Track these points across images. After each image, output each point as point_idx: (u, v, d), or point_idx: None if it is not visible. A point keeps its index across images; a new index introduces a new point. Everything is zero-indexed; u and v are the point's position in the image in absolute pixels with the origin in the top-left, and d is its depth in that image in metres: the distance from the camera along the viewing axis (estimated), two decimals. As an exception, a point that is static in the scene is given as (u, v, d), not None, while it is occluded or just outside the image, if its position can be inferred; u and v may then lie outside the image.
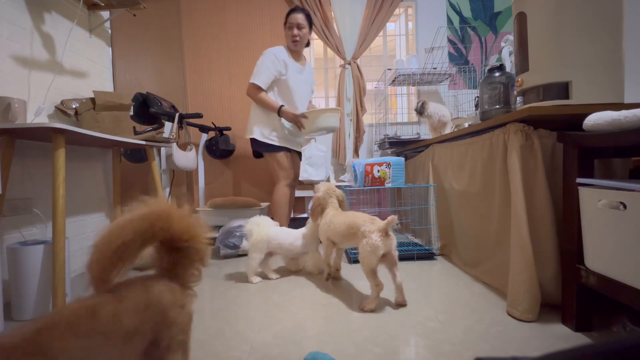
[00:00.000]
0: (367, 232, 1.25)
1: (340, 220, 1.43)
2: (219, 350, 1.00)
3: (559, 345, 0.97)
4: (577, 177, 1.01)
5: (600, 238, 0.92)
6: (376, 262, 1.22)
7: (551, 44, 1.12)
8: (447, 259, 1.87)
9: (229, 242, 2.06)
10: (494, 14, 3.03)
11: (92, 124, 1.75)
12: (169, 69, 2.95)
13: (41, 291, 1.29)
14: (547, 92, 1.15)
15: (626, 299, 0.84)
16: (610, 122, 0.87)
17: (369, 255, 1.22)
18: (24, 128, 1.25)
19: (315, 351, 0.89)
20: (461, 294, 1.36)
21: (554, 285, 1.13)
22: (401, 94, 3.21)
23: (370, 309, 1.22)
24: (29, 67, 1.62)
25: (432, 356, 0.93)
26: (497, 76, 1.51)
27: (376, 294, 1.23)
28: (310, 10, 2.87)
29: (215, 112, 3.02)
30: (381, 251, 1.22)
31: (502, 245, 1.34)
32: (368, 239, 1.23)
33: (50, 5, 1.77)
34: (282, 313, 1.24)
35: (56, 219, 1.26)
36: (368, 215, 1.35)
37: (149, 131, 2.06)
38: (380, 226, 1.25)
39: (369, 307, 1.23)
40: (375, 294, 1.23)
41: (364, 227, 1.28)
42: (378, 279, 1.23)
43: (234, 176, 3.05)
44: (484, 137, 1.42)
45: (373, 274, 1.23)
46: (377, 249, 1.21)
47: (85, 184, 1.94)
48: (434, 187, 1.95)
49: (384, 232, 1.24)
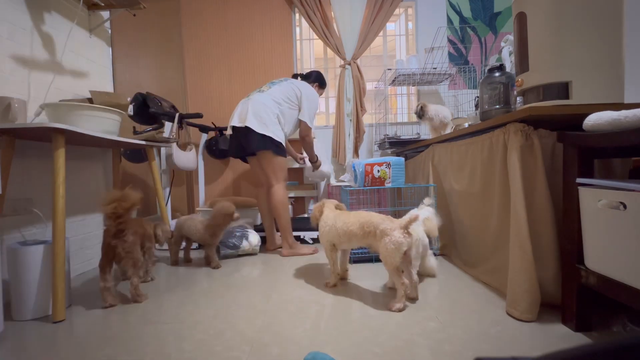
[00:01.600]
0: (388, 230, 1.24)
1: (351, 220, 1.38)
2: (219, 350, 1.00)
3: (559, 345, 0.97)
4: (577, 177, 1.01)
5: (600, 238, 0.92)
6: (399, 260, 1.21)
7: (551, 44, 1.12)
8: (447, 259, 1.87)
9: (228, 242, 2.06)
10: (493, 14, 3.03)
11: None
12: (169, 69, 2.95)
13: (41, 291, 1.28)
14: (547, 92, 1.15)
15: (626, 299, 0.84)
16: (610, 122, 0.87)
17: (393, 253, 1.21)
18: (24, 128, 1.25)
19: (315, 351, 0.89)
20: (461, 294, 1.36)
21: (554, 285, 1.13)
22: (401, 94, 3.21)
23: (398, 309, 1.21)
24: (29, 67, 1.62)
25: (432, 356, 0.93)
26: (497, 76, 1.51)
27: (402, 292, 1.22)
28: (310, 10, 2.87)
29: (215, 112, 3.02)
30: (404, 248, 1.21)
31: (502, 245, 1.34)
32: (391, 237, 1.22)
33: (50, 5, 1.77)
34: (282, 313, 1.24)
35: (56, 219, 1.26)
36: (381, 215, 1.34)
37: (149, 131, 2.06)
38: (402, 223, 1.24)
39: (398, 306, 1.21)
40: (402, 292, 1.22)
41: (383, 225, 1.26)
42: (403, 278, 1.22)
43: (234, 176, 3.05)
44: (484, 137, 1.42)
45: (398, 272, 1.22)
46: (401, 245, 1.20)
47: (85, 184, 1.94)
48: (434, 187, 1.95)
49: (406, 229, 1.23)
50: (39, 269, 1.28)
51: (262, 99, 2.03)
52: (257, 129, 1.97)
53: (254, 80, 3.02)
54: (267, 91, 2.07)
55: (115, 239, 1.37)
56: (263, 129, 1.98)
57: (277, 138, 2.02)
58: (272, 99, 2.04)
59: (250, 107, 2.01)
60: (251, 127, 1.97)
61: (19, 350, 1.04)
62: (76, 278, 1.76)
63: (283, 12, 3.01)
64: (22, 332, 1.16)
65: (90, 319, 1.25)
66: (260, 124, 1.98)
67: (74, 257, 1.82)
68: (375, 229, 1.28)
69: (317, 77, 2.28)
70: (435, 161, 2.00)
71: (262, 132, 1.98)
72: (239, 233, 2.11)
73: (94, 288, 1.60)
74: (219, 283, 1.60)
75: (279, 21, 3.01)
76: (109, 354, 1.00)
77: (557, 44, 1.11)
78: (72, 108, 1.42)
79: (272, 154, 2.02)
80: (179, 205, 2.93)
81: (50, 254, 1.29)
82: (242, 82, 3.03)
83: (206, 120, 2.95)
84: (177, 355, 0.98)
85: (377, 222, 1.29)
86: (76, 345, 1.06)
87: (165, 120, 2.11)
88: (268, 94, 2.05)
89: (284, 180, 2.09)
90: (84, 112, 1.44)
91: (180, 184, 2.95)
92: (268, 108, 2.02)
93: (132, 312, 1.29)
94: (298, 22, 3.10)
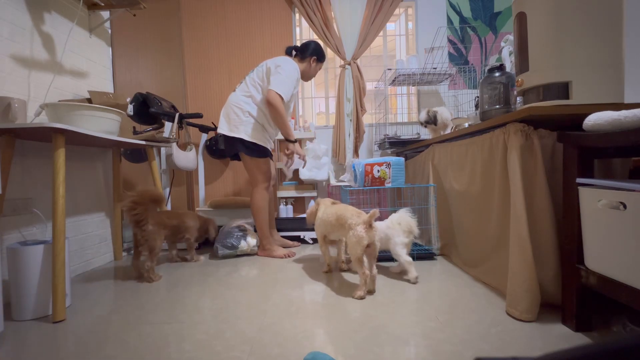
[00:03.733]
0: (353, 225, 1.38)
1: (331, 212, 1.55)
2: (219, 350, 1.00)
3: (559, 345, 0.97)
4: (577, 177, 1.01)
5: (600, 238, 0.92)
6: (361, 252, 1.34)
7: (551, 44, 1.12)
8: (447, 259, 1.87)
9: (227, 243, 2.06)
10: (494, 14, 3.03)
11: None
12: (169, 69, 2.95)
13: (41, 291, 1.28)
14: (547, 92, 1.15)
15: (626, 299, 0.84)
16: (610, 122, 0.87)
17: (355, 245, 1.35)
18: (24, 128, 1.25)
19: (315, 351, 0.89)
20: (461, 294, 1.36)
21: (554, 285, 1.13)
22: (401, 94, 3.21)
23: (360, 296, 1.33)
24: (29, 67, 1.62)
25: (432, 356, 0.93)
26: (497, 76, 1.51)
27: (364, 281, 1.35)
28: (310, 10, 2.87)
29: (215, 112, 3.02)
30: (365, 241, 1.33)
31: (502, 245, 1.34)
32: (354, 231, 1.36)
33: (50, 5, 1.77)
34: (282, 313, 1.24)
35: (56, 219, 1.26)
36: (355, 209, 1.48)
37: (149, 131, 2.06)
38: (365, 219, 1.36)
39: (360, 294, 1.34)
40: (364, 281, 1.35)
41: (350, 220, 1.40)
42: (365, 268, 1.35)
43: (234, 176, 3.05)
44: (484, 137, 1.42)
45: (359, 262, 1.35)
46: (362, 239, 1.33)
47: (85, 184, 1.94)
48: (434, 187, 1.95)
49: (368, 224, 1.35)
50: (39, 269, 1.28)
51: (233, 99, 2.00)
52: (228, 132, 1.96)
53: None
54: (238, 87, 2.03)
55: (136, 228, 1.64)
56: (233, 131, 1.95)
57: (250, 138, 1.95)
58: (243, 94, 1.98)
59: (223, 110, 2.01)
60: (222, 132, 1.97)
61: (19, 350, 1.04)
62: (76, 278, 1.76)
63: (283, 12, 3.01)
64: (22, 332, 1.16)
65: (90, 319, 1.25)
66: (230, 126, 1.96)
67: (74, 257, 1.82)
68: (345, 222, 1.42)
69: (315, 49, 2.09)
70: (435, 161, 2.00)
71: (232, 134, 1.95)
72: (238, 233, 2.11)
73: (94, 288, 1.60)
74: (219, 283, 1.60)
75: (279, 21, 3.01)
76: (109, 354, 1.00)
77: (557, 44, 1.11)
78: (72, 108, 1.42)
79: (245, 156, 1.99)
80: (179, 205, 2.93)
81: (50, 254, 1.29)
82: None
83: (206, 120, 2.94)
84: (178, 355, 0.98)
85: (347, 216, 1.43)
86: (76, 345, 1.06)
87: (165, 120, 2.11)
88: (239, 90, 2.01)
89: (263, 181, 2.03)
90: (84, 112, 1.44)
91: (180, 184, 2.95)
92: (237, 107, 1.96)
93: (132, 312, 1.29)
94: (298, 22, 3.10)
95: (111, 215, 2.14)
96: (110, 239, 2.13)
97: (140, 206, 1.62)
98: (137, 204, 1.61)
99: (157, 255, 1.69)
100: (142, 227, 1.64)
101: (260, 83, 1.98)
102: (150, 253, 1.66)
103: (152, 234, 1.67)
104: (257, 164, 2.01)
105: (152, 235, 1.67)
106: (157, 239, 1.69)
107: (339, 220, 1.47)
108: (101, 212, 2.06)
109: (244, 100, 1.97)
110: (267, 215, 2.07)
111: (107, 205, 2.12)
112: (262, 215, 2.04)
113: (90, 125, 1.46)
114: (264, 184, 2.05)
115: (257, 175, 2.02)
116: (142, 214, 1.63)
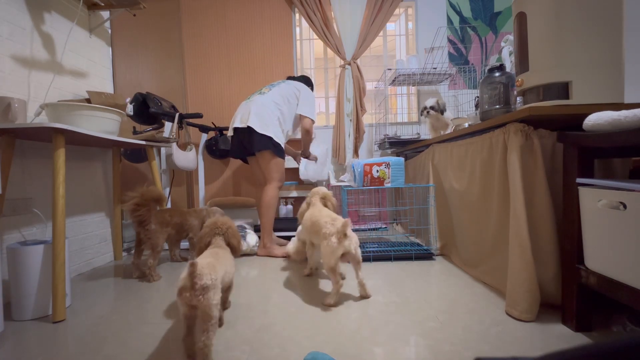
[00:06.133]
0: (327, 235, 1.32)
1: (308, 217, 1.51)
2: (219, 350, 1.00)
3: (559, 345, 0.97)
4: (577, 177, 1.01)
5: (600, 238, 0.92)
6: (334, 262, 1.28)
7: (551, 44, 1.12)
8: (447, 259, 1.87)
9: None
10: (494, 14, 3.03)
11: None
12: (169, 69, 2.95)
13: (41, 291, 1.28)
14: (547, 92, 1.15)
15: (626, 299, 0.84)
16: (610, 122, 0.87)
17: (328, 255, 1.30)
18: (24, 128, 1.25)
19: (315, 351, 0.89)
20: (461, 294, 1.36)
21: (554, 285, 1.13)
22: (401, 94, 3.21)
23: (329, 304, 1.29)
24: (29, 67, 1.62)
25: (432, 356, 0.93)
26: (497, 76, 1.51)
27: (336, 290, 1.30)
28: (310, 10, 2.88)
29: (215, 112, 3.02)
30: (339, 252, 1.28)
31: (501, 245, 1.34)
32: (328, 241, 1.30)
33: (50, 5, 1.77)
34: (282, 313, 1.24)
35: (56, 219, 1.26)
36: (331, 216, 1.41)
37: (149, 131, 2.06)
38: (338, 229, 1.30)
39: (329, 301, 1.29)
40: (336, 290, 1.30)
41: (324, 229, 1.34)
42: (338, 277, 1.30)
43: (234, 176, 3.05)
44: (484, 137, 1.42)
45: (333, 272, 1.29)
46: (336, 250, 1.28)
47: (85, 184, 1.94)
48: (434, 187, 1.95)
49: (342, 234, 1.29)
50: (39, 269, 1.28)
51: (264, 101, 2.06)
52: (259, 129, 2.01)
53: (254, 80, 3.02)
54: (268, 93, 2.11)
55: (138, 227, 1.67)
56: (264, 129, 2.01)
57: (277, 139, 2.05)
58: (273, 101, 2.08)
59: (253, 108, 2.04)
60: (253, 127, 2.00)
61: (19, 350, 1.04)
62: (76, 278, 1.76)
63: (283, 12, 3.01)
64: (22, 332, 1.16)
65: (90, 319, 1.25)
66: (262, 124, 2.02)
67: (74, 257, 1.82)
68: (319, 229, 1.37)
69: (306, 81, 2.37)
70: (435, 161, 2.00)
71: (263, 132, 2.01)
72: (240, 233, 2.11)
73: (94, 288, 1.60)
74: (219, 283, 1.60)
75: (279, 21, 3.01)
76: (109, 354, 1.00)
77: (557, 44, 1.11)
78: (72, 108, 1.42)
79: (271, 154, 2.05)
80: (179, 205, 2.93)
81: (50, 254, 1.29)
82: (242, 82, 3.03)
83: (206, 120, 2.95)
84: (178, 355, 0.98)
85: (321, 224, 1.37)
86: (76, 345, 1.06)
87: (165, 120, 2.11)
88: (269, 96, 2.09)
89: (278, 181, 2.10)
90: (84, 112, 1.44)
91: (180, 184, 2.95)
92: (269, 110, 2.06)
93: (132, 312, 1.29)
94: (298, 22, 3.10)
95: (111, 215, 2.14)
96: (110, 238, 2.13)
97: (142, 207, 1.65)
98: (139, 206, 1.63)
99: (159, 253, 1.70)
100: (146, 227, 1.67)
101: (290, 100, 2.14)
102: (153, 251, 1.68)
103: (155, 233, 1.69)
104: (278, 163, 2.09)
105: (155, 234, 1.69)
106: (159, 237, 1.71)
107: (314, 227, 1.43)
108: (101, 212, 2.06)
109: (274, 107, 2.08)
110: (274, 213, 2.11)
111: (107, 205, 2.12)
112: (271, 212, 2.08)
113: (90, 125, 1.46)
114: (279, 182, 2.12)
115: (275, 173, 2.09)
116: (145, 214, 1.66)
